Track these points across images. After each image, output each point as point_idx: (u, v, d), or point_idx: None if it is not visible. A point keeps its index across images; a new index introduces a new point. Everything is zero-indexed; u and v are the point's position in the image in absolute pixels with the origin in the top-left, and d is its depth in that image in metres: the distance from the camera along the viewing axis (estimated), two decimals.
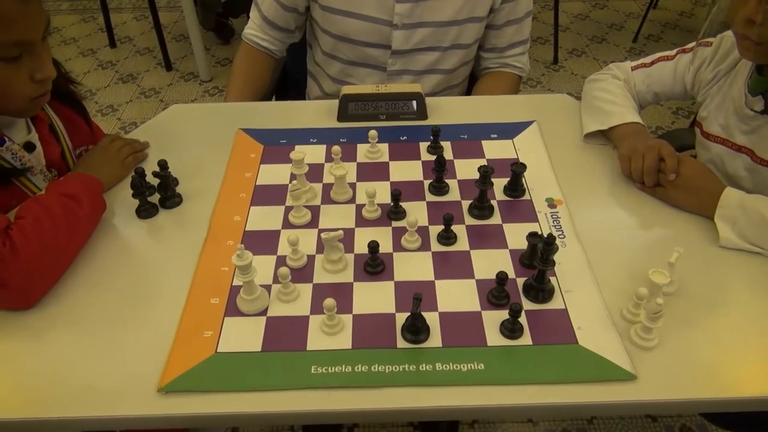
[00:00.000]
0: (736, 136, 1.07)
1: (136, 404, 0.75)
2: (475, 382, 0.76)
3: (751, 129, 1.04)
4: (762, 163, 1.03)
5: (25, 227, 0.85)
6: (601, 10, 3.59)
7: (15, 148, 0.97)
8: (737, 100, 1.05)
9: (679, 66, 1.17)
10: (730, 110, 1.07)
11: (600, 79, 1.23)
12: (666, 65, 1.19)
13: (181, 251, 0.95)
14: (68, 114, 1.12)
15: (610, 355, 0.79)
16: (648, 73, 1.20)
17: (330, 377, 0.77)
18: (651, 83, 1.20)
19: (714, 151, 1.11)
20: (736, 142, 1.07)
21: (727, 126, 1.08)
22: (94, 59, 3.18)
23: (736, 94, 1.06)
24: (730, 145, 1.08)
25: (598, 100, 1.18)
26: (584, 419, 1.61)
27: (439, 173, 1.04)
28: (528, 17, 1.38)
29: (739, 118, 1.05)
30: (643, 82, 1.20)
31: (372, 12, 1.27)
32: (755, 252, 0.92)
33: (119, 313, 0.86)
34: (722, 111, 1.09)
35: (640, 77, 1.20)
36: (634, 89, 1.20)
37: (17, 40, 0.87)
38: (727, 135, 1.08)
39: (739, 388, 0.76)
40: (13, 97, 0.91)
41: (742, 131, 1.06)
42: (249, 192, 1.06)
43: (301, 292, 0.88)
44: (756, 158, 1.04)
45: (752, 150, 1.04)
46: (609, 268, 0.91)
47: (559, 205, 1.02)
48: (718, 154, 1.10)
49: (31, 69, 0.90)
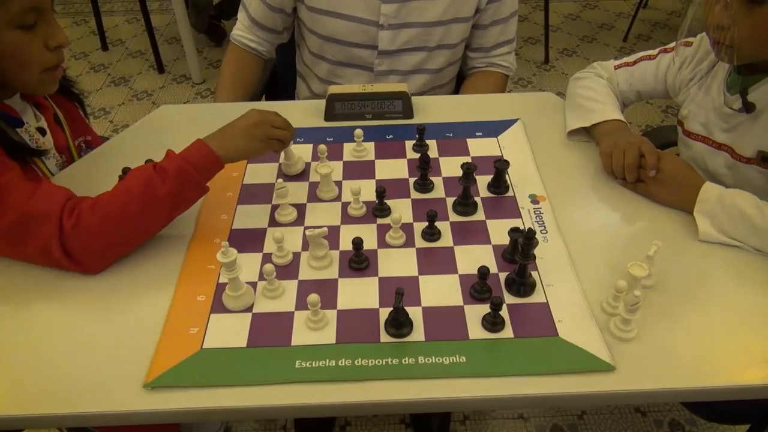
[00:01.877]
0: (716, 134, 1.08)
1: (122, 400, 0.76)
2: (457, 374, 0.77)
3: (730, 127, 1.06)
4: (741, 160, 1.04)
5: (97, 203, 0.89)
6: (591, 10, 3.62)
7: (32, 131, 1.01)
8: (716, 98, 1.07)
9: (660, 65, 1.19)
10: (710, 109, 1.09)
11: (584, 78, 1.25)
12: (648, 64, 1.21)
13: (168, 250, 0.96)
14: (67, 106, 1.16)
15: (590, 346, 0.80)
16: (631, 72, 1.22)
17: (314, 371, 0.78)
18: (633, 82, 1.21)
19: (695, 149, 1.12)
20: (716, 140, 1.08)
21: (707, 124, 1.10)
22: (86, 62, 3.19)
23: (716, 93, 1.08)
24: (711, 143, 1.09)
25: (581, 97, 1.20)
26: (574, 414, 1.63)
27: (424, 171, 1.05)
28: (514, 17, 1.39)
29: (719, 117, 1.07)
30: (626, 81, 1.22)
31: (358, 12, 1.28)
32: (734, 245, 0.94)
33: (105, 310, 0.87)
34: (702, 109, 1.11)
35: (623, 76, 1.22)
36: (617, 88, 1.22)
37: (33, 5, 0.89)
38: (708, 133, 1.10)
39: (716, 377, 0.78)
40: (30, 67, 0.94)
41: (721, 129, 1.07)
42: (236, 191, 1.08)
43: (286, 289, 0.89)
44: (735, 155, 1.05)
45: (732, 147, 1.06)
46: (590, 262, 0.93)
47: (542, 202, 1.04)
48: (699, 151, 1.12)
49: (45, 36, 0.93)
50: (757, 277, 0.90)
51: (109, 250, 0.91)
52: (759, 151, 1.02)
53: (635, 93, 1.22)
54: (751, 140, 1.03)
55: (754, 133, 1.02)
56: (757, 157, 1.02)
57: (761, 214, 0.91)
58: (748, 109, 1.01)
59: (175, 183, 0.91)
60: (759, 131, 1.01)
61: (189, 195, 0.95)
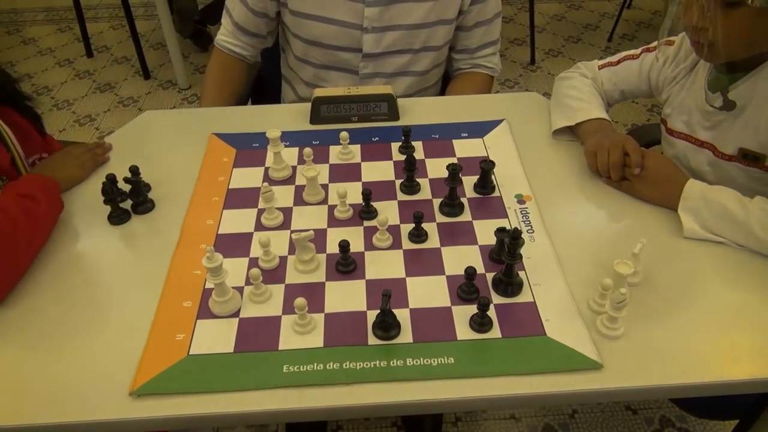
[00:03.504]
0: (698, 132, 1.09)
1: (108, 408, 0.75)
2: (445, 375, 0.77)
3: (712, 125, 1.07)
4: (723, 158, 1.05)
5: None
6: (576, 10, 3.64)
7: None
8: (698, 97, 1.08)
9: (644, 64, 1.20)
10: (692, 107, 1.10)
11: (568, 77, 1.25)
12: (632, 64, 1.21)
13: (153, 256, 0.96)
14: (18, 121, 1.12)
15: (577, 345, 0.80)
16: (615, 71, 1.22)
17: (302, 376, 0.78)
18: (617, 81, 1.22)
19: (678, 147, 1.13)
20: (699, 137, 1.09)
21: (689, 122, 1.11)
22: (71, 69, 3.16)
23: (697, 92, 1.08)
24: (693, 140, 1.10)
25: (566, 97, 1.20)
26: (566, 414, 1.63)
27: (410, 172, 1.05)
28: (497, 18, 1.40)
29: (701, 115, 1.08)
30: (610, 80, 1.22)
31: (342, 16, 1.28)
32: (718, 242, 0.94)
33: (91, 318, 0.86)
34: (685, 108, 1.11)
35: (607, 75, 1.23)
36: (601, 87, 1.23)
37: None
38: (690, 131, 1.11)
39: (703, 373, 0.78)
40: None
41: (703, 127, 1.08)
42: (222, 196, 1.07)
43: (273, 293, 0.89)
44: (717, 153, 1.06)
45: (714, 145, 1.07)
46: (577, 261, 0.93)
47: (529, 201, 1.04)
48: (682, 149, 1.13)
49: None
50: (742, 273, 0.91)
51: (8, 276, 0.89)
52: (740, 148, 1.02)
53: (619, 92, 1.23)
54: (732, 138, 1.03)
55: (735, 130, 1.03)
56: (738, 155, 1.03)
57: (743, 210, 0.92)
58: (729, 107, 1.02)
59: (45, 200, 0.96)
60: (740, 129, 1.02)
61: (56, 209, 1.00)
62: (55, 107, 2.85)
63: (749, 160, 1.02)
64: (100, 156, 1.16)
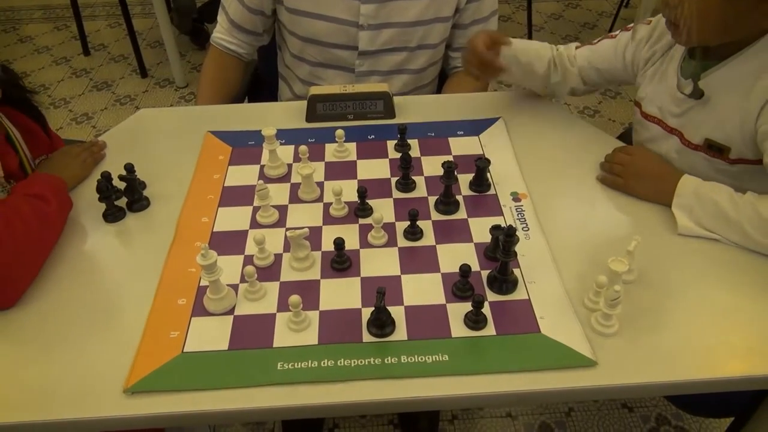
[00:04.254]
0: (668, 118, 1.09)
1: (102, 406, 0.75)
2: (440, 373, 0.77)
3: (681, 112, 1.06)
4: (690, 146, 1.05)
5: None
6: (574, 9, 3.64)
7: None
8: (671, 82, 1.08)
9: (619, 44, 1.19)
10: (664, 92, 1.09)
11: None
12: (609, 42, 1.21)
13: (148, 254, 0.95)
14: (25, 123, 1.11)
15: (572, 342, 0.80)
16: (592, 50, 1.22)
17: (296, 373, 0.77)
18: (593, 60, 1.21)
19: (652, 131, 1.13)
20: (669, 124, 1.09)
21: (661, 107, 1.11)
22: (68, 67, 3.16)
23: (670, 76, 1.08)
24: (664, 126, 1.10)
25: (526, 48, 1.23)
26: (562, 412, 1.63)
27: (405, 170, 1.05)
28: (494, 16, 1.40)
29: (672, 101, 1.08)
30: (586, 58, 1.22)
31: (338, 13, 1.28)
32: (712, 238, 0.95)
33: (85, 316, 0.86)
34: (658, 92, 1.11)
35: (585, 53, 1.22)
36: (573, 61, 1.22)
37: None
38: (662, 116, 1.11)
39: (697, 370, 0.78)
40: None
41: (673, 114, 1.08)
42: (217, 193, 1.07)
43: (268, 290, 0.89)
44: (685, 141, 1.06)
45: (682, 133, 1.07)
46: (572, 258, 0.93)
47: (524, 199, 1.04)
48: (654, 134, 1.13)
49: None
50: (736, 271, 0.91)
51: (22, 276, 0.89)
52: (706, 138, 1.03)
53: (594, 70, 1.22)
54: (699, 127, 1.03)
55: (702, 120, 1.03)
56: (704, 145, 1.03)
57: (735, 208, 0.92)
58: (697, 95, 1.02)
59: (55, 199, 0.95)
60: (707, 119, 1.02)
61: (66, 208, 1.00)
62: (52, 105, 2.85)
63: (714, 151, 1.02)
64: (98, 154, 1.16)
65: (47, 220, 0.93)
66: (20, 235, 0.87)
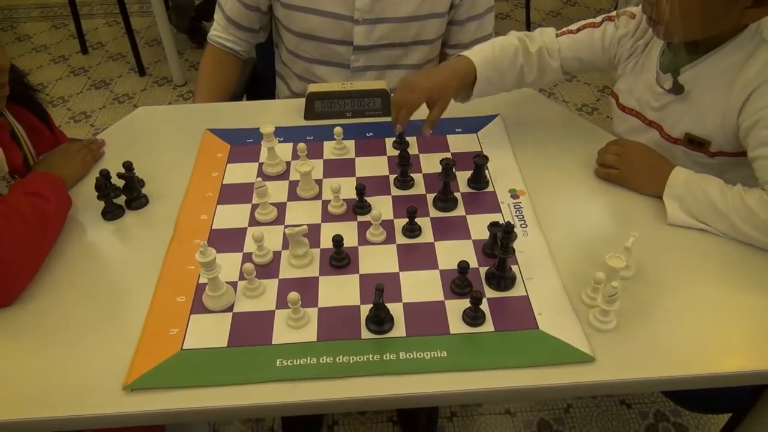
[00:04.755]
0: (647, 112, 1.10)
1: (102, 403, 0.75)
2: (438, 369, 0.78)
3: (661, 106, 1.07)
4: (669, 140, 1.06)
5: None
6: (572, 6, 3.64)
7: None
8: (649, 76, 1.08)
9: (606, 35, 1.17)
10: (643, 85, 1.10)
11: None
12: (593, 32, 1.18)
13: (147, 251, 0.96)
14: (30, 120, 1.12)
15: (570, 338, 0.81)
16: (575, 39, 1.19)
17: (295, 369, 0.78)
18: (577, 49, 1.19)
19: (630, 123, 1.14)
20: (648, 117, 1.10)
21: (640, 100, 1.11)
22: (65, 66, 3.15)
23: (650, 70, 1.08)
24: (642, 119, 1.11)
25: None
26: (561, 408, 1.64)
27: (404, 167, 1.05)
28: (490, 12, 1.40)
29: (651, 95, 1.08)
30: (570, 47, 1.19)
31: (333, 8, 1.28)
32: (704, 230, 0.95)
33: (85, 313, 0.86)
34: (637, 85, 1.12)
35: (567, 43, 1.20)
36: (558, 54, 1.19)
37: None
38: (641, 109, 1.11)
39: (695, 366, 0.79)
40: None
41: (652, 107, 1.09)
42: (215, 191, 1.07)
43: (267, 288, 0.89)
44: (664, 134, 1.07)
45: (661, 126, 1.07)
46: (570, 254, 0.93)
47: (522, 196, 1.04)
48: (632, 127, 1.13)
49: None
50: (734, 266, 0.91)
51: (22, 274, 0.89)
52: (686, 133, 1.03)
53: (577, 60, 1.20)
54: (679, 121, 1.04)
55: (682, 114, 1.03)
56: (684, 139, 1.04)
57: (724, 200, 0.93)
58: (678, 90, 1.02)
59: (55, 197, 0.96)
60: (687, 113, 1.03)
61: (66, 206, 1.00)
62: (50, 104, 2.84)
63: (694, 145, 1.03)
64: (97, 152, 1.16)
65: (46, 218, 0.93)
66: (19, 233, 0.87)
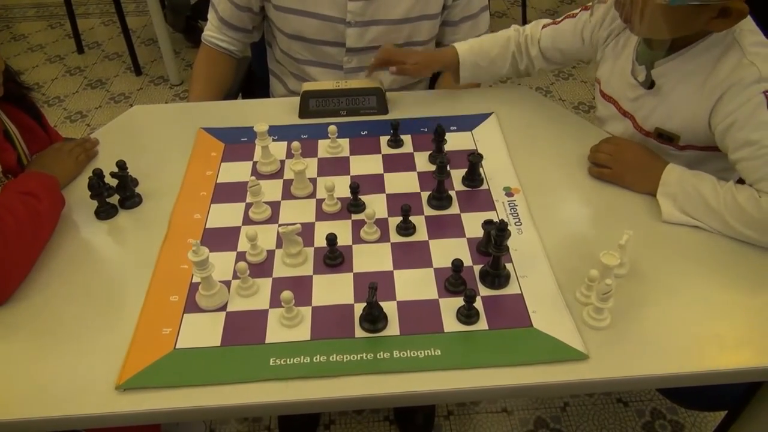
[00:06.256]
0: (622, 101, 1.11)
1: (94, 403, 0.75)
2: (432, 367, 0.77)
3: (635, 97, 1.07)
4: (641, 132, 1.07)
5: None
6: (569, 4, 3.64)
7: None
8: (625, 66, 1.08)
9: (578, 23, 1.19)
10: (619, 75, 1.10)
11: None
12: (570, 22, 1.21)
13: (141, 251, 0.95)
14: (23, 120, 1.11)
15: (564, 336, 0.80)
16: (555, 29, 1.22)
17: (288, 368, 0.77)
18: (556, 39, 1.21)
19: (609, 110, 1.15)
20: (622, 106, 1.11)
21: (616, 90, 1.12)
22: (61, 65, 3.14)
23: (625, 60, 1.09)
24: (618, 107, 1.12)
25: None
26: (557, 407, 1.63)
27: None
28: (484, 12, 1.39)
29: (626, 85, 1.09)
30: (550, 38, 1.22)
31: (325, 10, 1.27)
32: (699, 228, 0.95)
33: (78, 313, 0.86)
34: (614, 74, 1.12)
35: (549, 34, 1.22)
36: (537, 44, 1.22)
37: None
38: (617, 98, 1.12)
39: (689, 363, 0.79)
40: None
41: (627, 98, 1.09)
42: (209, 190, 1.07)
43: (260, 287, 0.89)
44: (637, 126, 1.08)
45: (634, 117, 1.08)
46: (564, 252, 0.93)
47: (517, 194, 1.04)
48: (610, 113, 1.14)
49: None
50: (728, 264, 0.91)
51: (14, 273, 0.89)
52: (656, 128, 1.04)
53: (558, 51, 1.22)
54: (650, 115, 1.05)
55: (653, 108, 1.04)
56: (654, 133, 1.05)
57: (716, 197, 0.93)
58: (650, 84, 1.03)
59: (47, 196, 0.95)
60: (658, 108, 1.03)
61: (59, 205, 1.00)
62: (46, 104, 2.83)
63: (664, 139, 1.04)
64: (90, 151, 1.16)
65: (39, 218, 0.93)
66: (12, 232, 0.87)
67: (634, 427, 1.58)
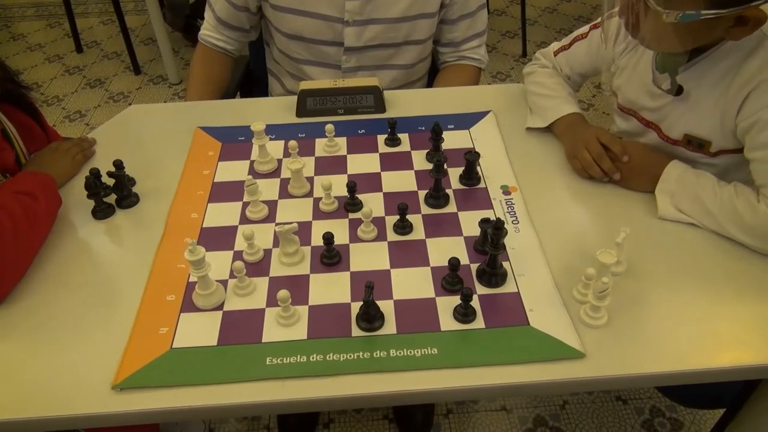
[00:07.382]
0: (643, 112, 1.08)
1: (91, 402, 0.75)
2: (429, 366, 0.77)
3: (658, 106, 1.05)
4: (668, 141, 1.05)
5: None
6: (568, 3, 3.63)
7: None
8: (644, 76, 1.06)
9: (592, 43, 1.17)
10: (638, 85, 1.08)
11: (532, 72, 1.25)
12: (582, 44, 1.19)
13: (138, 250, 0.95)
14: (22, 119, 1.11)
15: (560, 334, 0.80)
16: (568, 55, 1.20)
17: (285, 368, 0.77)
18: (573, 65, 1.20)
19: (630, 122, 1.13)
20: (645, 117, 1.08)
21: (635, 101, 1.09)
22: (60, 65, 3.14)
23: (644, 69, 1.06)
24: (640, 119, 1.10)
25: (533, 95, 1.20)
26: (557, 405, 1.63)
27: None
28: (482, 10, 1.39)
29: (647, 95, 1.06)
30: (567, 65, 1.21)
31: (323, 10, 1.27)
32: (692, 223, 0.95)
33: (74, 312, 0.86)
34: (632, 85, 1.10)
35: (564, 61, 1.21)
36: (561, 73, 1.21)
37: None
38: (637, 109, 1.10)
39: (686, 361, 0.78)
40: None
41: (648, 108, 1.07)
42: (206, 189, 1.07)
43: (257, 286, 0.89)
44: (662, 135, 1.05)
45: (659, 127, 1.06)
46: (561, 250, 0.93)
47: (514, 192, 1.04)
48: (632, 127, 1.12)
49: None
50: (726, 262, 0.91)
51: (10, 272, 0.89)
52: (685, 134, 1.02)
53: (578, 75, 1.21)
54: (678, 122, 1.02)
55: (680, 115, 1.01)
56: (684, 140, 1.02)
57: (714, 198, 0.93)
58: (678, 91, 1.00)
59: (44, 196, 0.95)
60: (686, 114, 1.01)
61: (55, 205, 1.00)
62: (45, 103, 2.83)
63: (694, 146, 1.02)
64: (87, 150, 1.16)
65: (36, 218, 0.93)
66: (8, 232, 0.87)
67: (633, 425, 1.58)
